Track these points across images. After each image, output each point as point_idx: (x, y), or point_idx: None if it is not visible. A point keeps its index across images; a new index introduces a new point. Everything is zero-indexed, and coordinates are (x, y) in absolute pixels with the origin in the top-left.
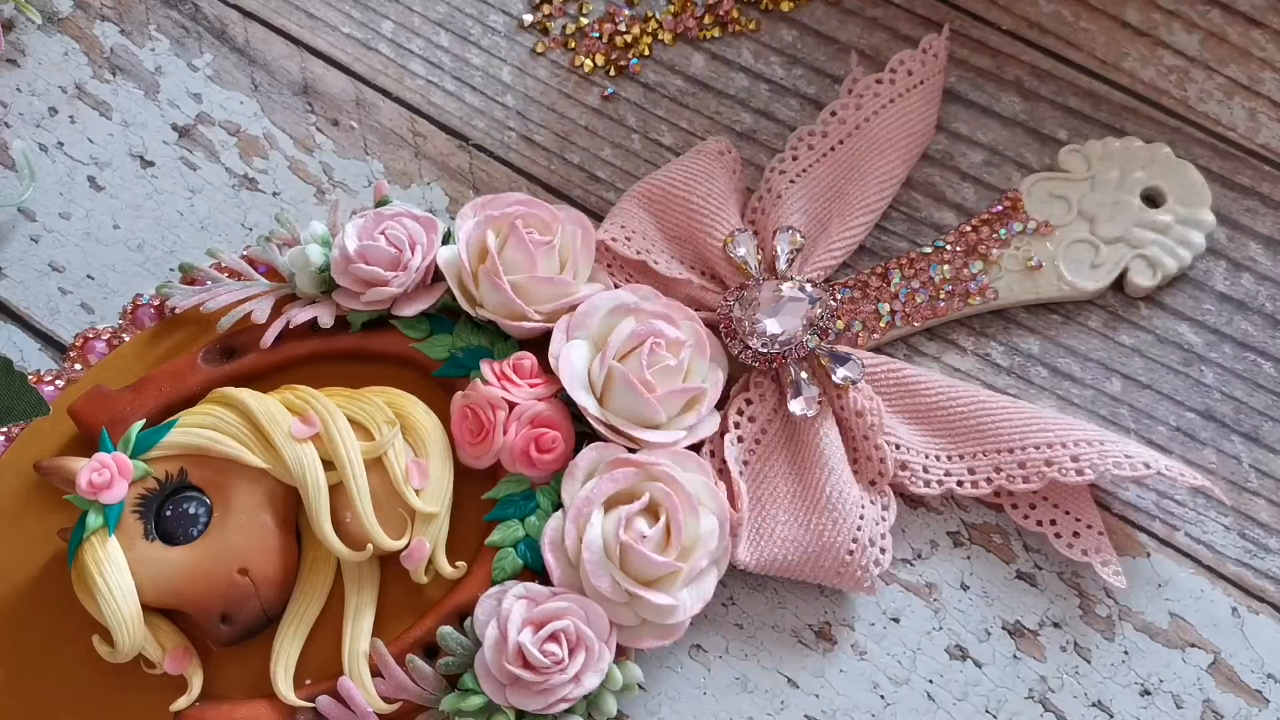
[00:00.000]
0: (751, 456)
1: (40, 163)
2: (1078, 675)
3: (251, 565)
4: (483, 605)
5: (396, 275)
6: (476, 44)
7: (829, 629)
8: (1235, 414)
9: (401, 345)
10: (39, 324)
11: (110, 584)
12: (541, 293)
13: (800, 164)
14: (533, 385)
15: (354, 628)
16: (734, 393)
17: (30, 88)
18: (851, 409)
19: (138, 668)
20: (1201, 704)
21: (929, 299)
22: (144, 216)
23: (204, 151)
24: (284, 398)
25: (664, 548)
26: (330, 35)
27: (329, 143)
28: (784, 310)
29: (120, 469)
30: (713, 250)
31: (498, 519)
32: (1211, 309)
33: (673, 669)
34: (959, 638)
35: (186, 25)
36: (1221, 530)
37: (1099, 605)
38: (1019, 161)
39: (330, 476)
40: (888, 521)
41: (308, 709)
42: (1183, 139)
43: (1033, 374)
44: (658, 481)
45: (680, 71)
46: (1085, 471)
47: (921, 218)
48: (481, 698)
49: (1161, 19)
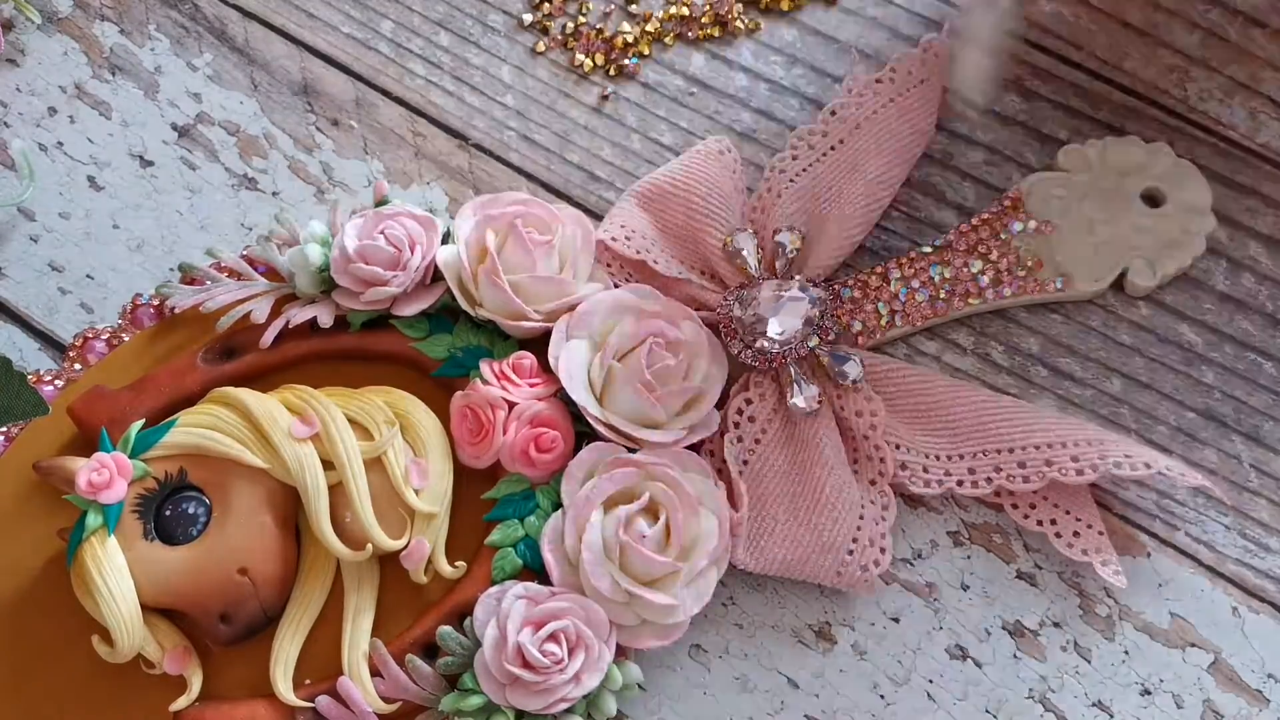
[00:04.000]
0: (751, 456)
1: (40, 162)
2: (1078, 675)
3: (251, 565)
4: (482, 605)
5: (396, 275)
6: (476, 44)
7: (829, 629)
8: (1236, 414)
9: (401, 345)
10: (38, 324)
11: (109, 584)
12: (541, 292)
13: (800, 164)
14: (532, 385)
15: (353, 628)
16: (734, 393)
17: (30, 88)
18: (851, 409)
19: (137, 668)
20: (1202, 704)
21: (929, 299)
22: (144, 216)
23: (204, 151)
24: (284, 398)
25: (664, 548)
26: (330, 35)
27: (329, 143)
28: (784, 310)
29: (119, 469)
30: (713, 250)
31: (497, 519)
32: (1212, 309)
33: (673, 669)
34: (959, 638)
35: (186, 25)
36: (1222, 530)
37: (1099, 605)
38: (1019, 161)
39: (330, 476)
40: (888, 521)
41: (307, 709)
42: (1183, 139)
43: (1033, 374)
44: (658, 481)
45: (680, 71)
46: (1085, 471)
47: (921, 218)
48: (481, 698)
49: (1162, 19)
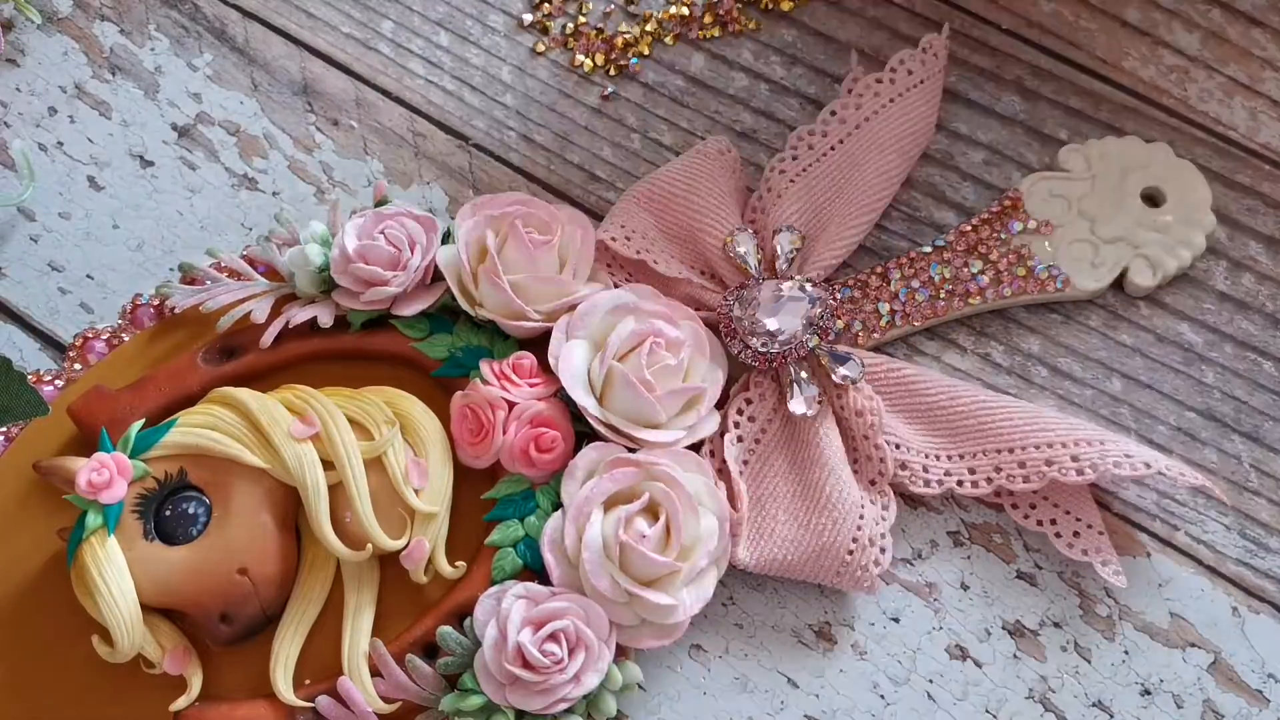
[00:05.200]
0: (751, 456)
1: (40, 162)
2: (1078, 675)
3: (251, 565)
4: (482, 605)
5: (396, 275)
6: (476, 44)
7: (829, 629)
8: (1235, 413)
9: (401, 345)
10: (39, 324)
11: (110, 584)
12: (541, 292)
13: (800, 164)
14: (532, 385)
15: (353, 628)
16: (734, 393)
17: (30, 87)
18: (851, 409)
19: (137, 668)
20: (1202, 704)
21: (929, 299)
22: (144, 216)
23: (204, 151)
24: (284, 397)
25: (664, 547)
26: (330, 35)
27: (329, 142)
28: (784, 310)
29: (119, 469)
30: (713, 250)
31: (497, 519)
32: (1212, 308)
33: (673, 669)
34: (959, 638)
35: (186, 25)
36: (1222, 530)
37: (1099, 605)
38: (1019, 161)
39: (330, 476)
40: (888, 521)
41: (307, 709)
42: (1183, 139)
43: (1033, 374)
44: (658, 481)
45: (680, 71)
46: (1085, 471)
47: (921, 217)
48: (481, 698)
49: (1162, 18)
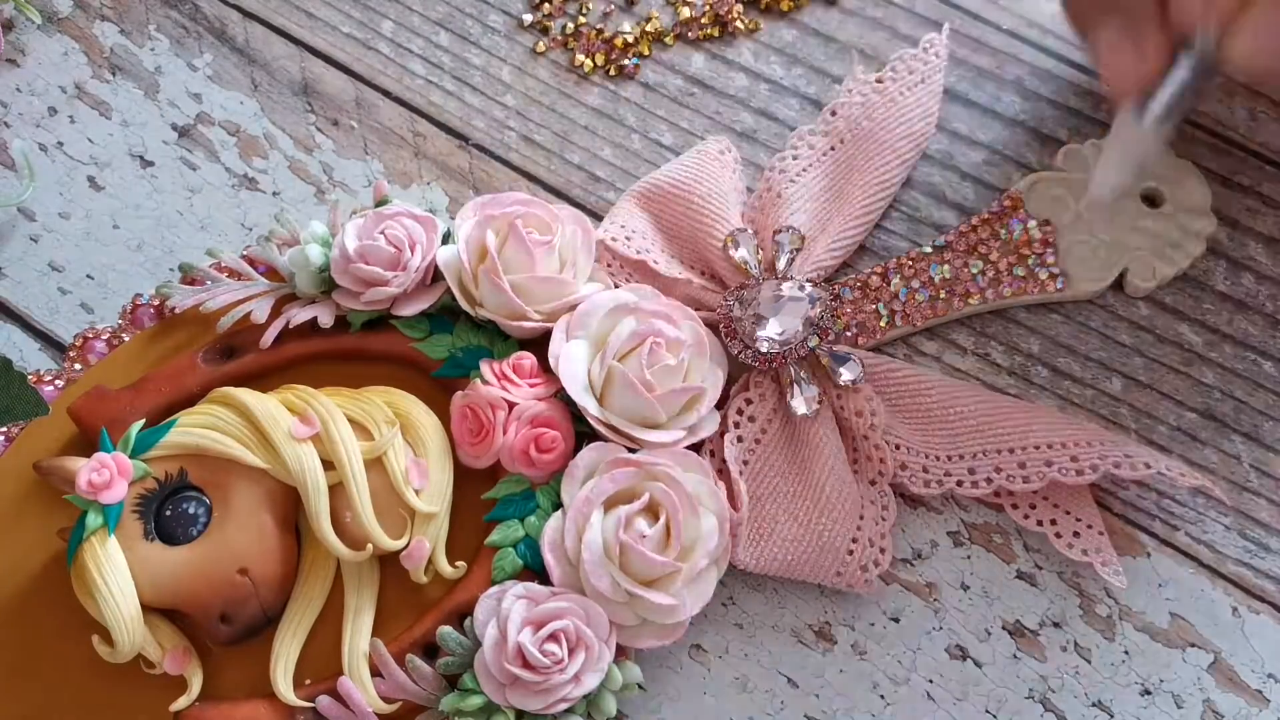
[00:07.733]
0: (751, 456)
1: (40, 162)
2: (1078, 675)
3: (251, 565)
4: (482, 605)
5: (396, 275)
6: (476, 44)
7: (829, 629)
8: (1235, 414)
9: (401, 345)
10: (39, 324)
11: (110, 584)
12: (541, 292)
13: (800, 164)
14: (532, 385)
15: (354, 628)
16: (734, 393)
17: (30, 88)
18: (851, 409)
19: (138, 668)
20: (1202, 704)
21: (929, 299)
22: (144, 216)
23: (204, 151)
24: (284, 398)
25: (664, 548)
26: (330, 35)
27: (329, 143)
28: (784, 310)
29: (120, 469)
30: (713, 250)
31: (497, 519)
32: (1211, 309)
33: (673, 669)
34: (959, 638)
35: (186, 25)
36: (1222, 530)
37: (1099, 605)
38: (1019, 161)
39: (330, 476)
40: (888, 521)
41: (307, 709)
42: (1183, 139)
43: (1033, 374)
44: (658, 481)
45: (680, 71)
46: (1085, 471)
47: (921, 218)
48: (481, 698)
49: None
